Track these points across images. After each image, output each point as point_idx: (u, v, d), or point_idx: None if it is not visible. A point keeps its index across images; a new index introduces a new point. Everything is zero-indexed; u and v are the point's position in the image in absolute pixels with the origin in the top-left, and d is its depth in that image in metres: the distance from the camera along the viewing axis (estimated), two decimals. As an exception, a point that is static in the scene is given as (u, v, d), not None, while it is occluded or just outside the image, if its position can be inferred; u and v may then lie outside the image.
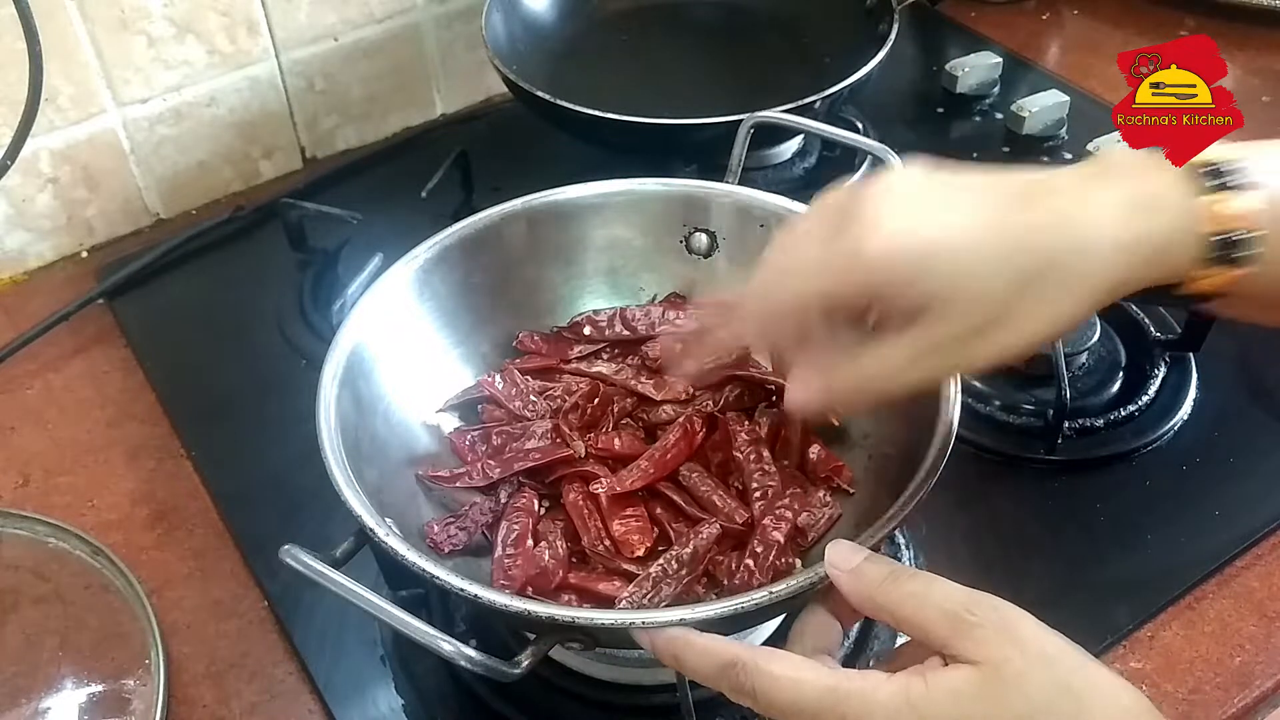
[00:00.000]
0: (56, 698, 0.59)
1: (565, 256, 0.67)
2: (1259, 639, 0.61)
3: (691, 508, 0.58)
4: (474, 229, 0.64)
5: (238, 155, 0.94)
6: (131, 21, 0.83)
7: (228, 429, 0.74)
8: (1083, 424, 0.70)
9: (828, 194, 0.46)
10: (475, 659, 0.43)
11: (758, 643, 0.59)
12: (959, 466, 0.50)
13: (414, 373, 0.62)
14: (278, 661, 0.62)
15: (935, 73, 1.01)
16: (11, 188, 0.84)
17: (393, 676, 0.60)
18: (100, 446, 0.74)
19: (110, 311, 0.84)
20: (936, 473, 0.49)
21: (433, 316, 0.63)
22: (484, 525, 0.58)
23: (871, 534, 0.47)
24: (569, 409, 0.62)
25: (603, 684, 0.58)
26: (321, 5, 0.91)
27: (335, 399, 0.54)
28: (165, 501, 0.70)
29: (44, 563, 0.65)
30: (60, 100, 0.83)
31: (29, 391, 0.78)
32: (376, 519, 0.48)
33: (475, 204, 0.83)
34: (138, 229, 0.92)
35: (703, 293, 0.68)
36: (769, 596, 0.45)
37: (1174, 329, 0.76)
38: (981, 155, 0.94)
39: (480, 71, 1.00)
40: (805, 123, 0.70)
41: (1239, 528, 0.66)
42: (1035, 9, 1.13)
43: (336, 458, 0.51)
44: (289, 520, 0.67)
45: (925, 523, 0.66)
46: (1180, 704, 0.58)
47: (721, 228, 0.67)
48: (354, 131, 0.98)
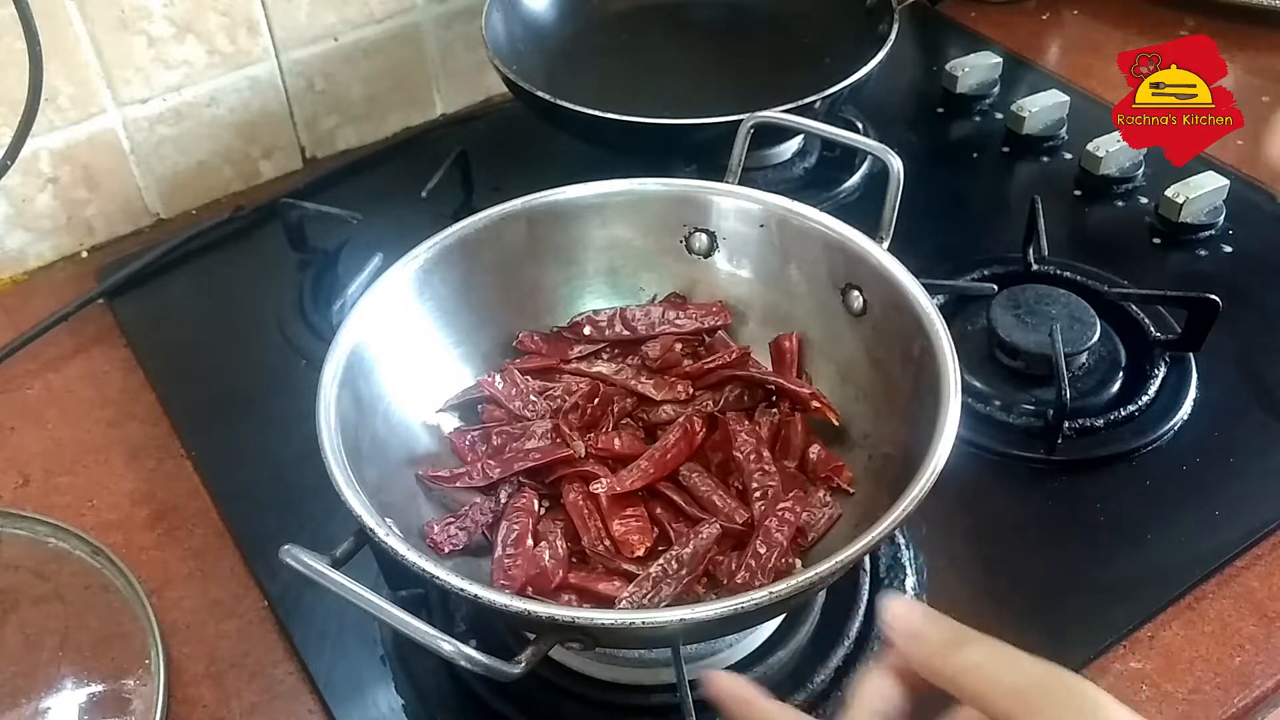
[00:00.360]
0: (56, 698, 0.59)
1: (565, 256, 0.67)
2: (1259, 639, 0.61)
3: (691, 508, 0.58)
4: (474, 229, 0.64)
5: (238, 155, 0.94)
6: (131, 21, 0.83)
7: (228, 429, 0.74)
8: (1083, 424, 0.70)
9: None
10: (475, 659, 0.43)
11: (757, 643, 0.59)
12: (959, 466, 0.50)
13: (414, 373, 0.62)
14: (278, 661, 0.62)
15: (935, 73, 1.01)
16: (11, 188, 0.84)
17: (393, 676, 0.60)
18: (100, 446, 0.74)
19: (110, 311, 0.84)
20: (936, 473, 0.49)
21: (433, 316, 0.63)
22: (484, 525, 0.58)
23: (871, 534, 0.47)
24: (569, 409, 0.62)
25: (603, 684, 0.58)
26: (321, 5, 0.91)
27: (335, 399, 0.54)
28: (165, 501, 0.70)
29: (44, 563, 0.65)
30: (60, 100, 0.83)
31: (29, 391, 0.78)
32: (376, 519, 0.48)
33: (475, 204, 0.83)
34: (138, 229, 0.92)
35: (703, 293, 0.69)
36: (769, 596, 0.45)
37: (1174, 329, 0.76)
38: (981, 155, 0.94)
39: (480, 71, 1.00)
40: (805, 123, 0.70)
41: (1239, 528, 0.66)
42: (1035, 9, 1.13)
43: (336, 458, 0.51)
44: (289, 520, 0.67)
45: (925, 523, 0.66)
46: (1180, 704, 0.58)
47: (721, 228, 0.67)
48: (354, 131, 0.98)
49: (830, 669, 0.58)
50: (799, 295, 0.66)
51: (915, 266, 0.59)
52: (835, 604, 0.61)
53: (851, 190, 0.90)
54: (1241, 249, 0.84)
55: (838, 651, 0.59)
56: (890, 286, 0.59)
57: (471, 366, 0.65)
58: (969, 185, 0.93)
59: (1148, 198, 0.88)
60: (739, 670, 0.58)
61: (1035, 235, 0.80)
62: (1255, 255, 0.84)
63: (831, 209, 0.65)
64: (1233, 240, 0.85)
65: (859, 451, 0.61)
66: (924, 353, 0.55)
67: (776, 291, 0.67)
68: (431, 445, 0.62)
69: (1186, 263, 0.83)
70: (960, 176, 0.93)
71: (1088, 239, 0.87)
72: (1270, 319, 0.78)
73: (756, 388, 0.64)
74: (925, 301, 0.57)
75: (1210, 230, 0.85)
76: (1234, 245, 0.84)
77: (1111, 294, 0.77)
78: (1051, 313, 0.74)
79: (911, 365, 0.57)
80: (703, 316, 0.67)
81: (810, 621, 0.60)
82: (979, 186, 0.93)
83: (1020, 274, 0.79)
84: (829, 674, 0.58)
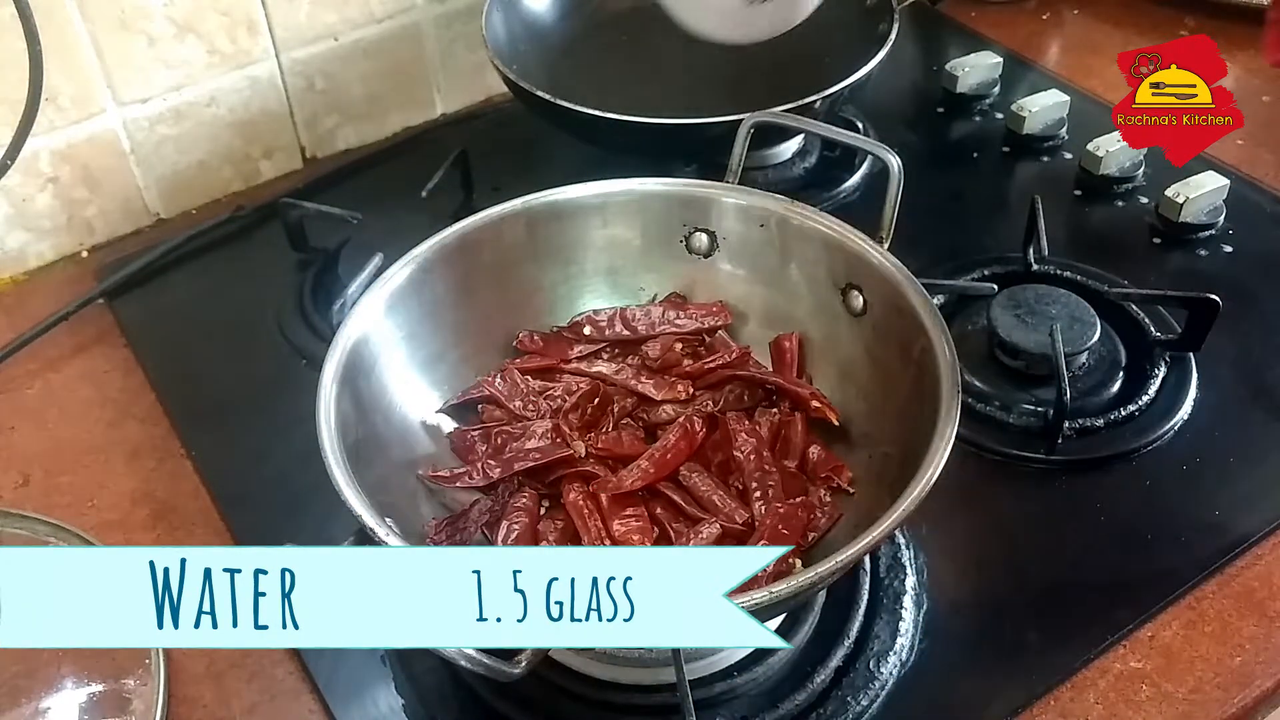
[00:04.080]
0: (56, 698, 0.59)
1: (565, 256, 0.68)
2: (1259, 639, 0.61)
3: (692, 507, 0.58)
4: (474, 229, 0.64)
5: (238, 155, 0.94)
6: (131, 21, 0.83)
7: (228, 429, 0.74)
8: (1083, 424, 0.70)
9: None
10: (475, 659, 0.43)
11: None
12: (959, 466, 0.50)
13: (414, 373, 0.62)
14: (278, 661, 0.62)
15: (935, 73, 1.01)
16: (11, 188, 0.84)
17: (393, 676, 0.60)
18: (100, 446, 0.74)
19: (110, 311, 0.84)
20: (936, 473, 0.49)
21: (433, 316, 0.63)
22: (484, 525, 0.58)
23: (871, 534, 0.47)
24: (569, 409, 0.62)
25: (603, 684, 0.58)
26: (321, 5, 0.91)
27: (335, 399, 0.54)
28: (165, 501, 0.70)
29: (44, 563, 0.65)
30: (60, 100, 0.83)
31: (29, 391, 0.78)
32: (376, 519, 0.48)
33: (475, 204, 0.83)
34: (138, 229, 0.92)
35: (703, 293, 0.69)
36: (769, 596, 0.45)
37: (1174, 329, 0.76)
38: (981, 155, 0.94)
39: (480, 71, 1.00)
40: (805, 123, 0.70)
41: (1239, 528, 0.66)
42: (1035, 9, 1.13)
43: (336, 458, 0.51)
44: (289, 520, 0.67)
45: (925, 523, 0.66)
46: (1180, 704, 0.58)
47: (721, 228, 0.67)
48: (354, 131, 0.98)
49: (830, 669, 0.58)
50: (799, 295, 0.66)
51: (915, 266, 0.59)
52: (835, 604, 0.61)
53: (851, 190, 0.90)
54: (1241, 249, 0.84)
55: (838, 651, 0.59)
56: (890, 286, 0.59)
57: (471, 366, 0.65)
58: (969, 185, 0.93)
59: (1148, 198, 0.88)
60: (739, 670, 0.58)
61: (1035, 235, 0.80)
62: (1255, 255, 0.84)
63: (831, 209, 0.65)
64: (1233, 240, 0.85)
65: (859, 451, 0.61)
66: (924, 353, 0.55)
67: (776, 291, 0.67)
68: (431, 445, 0.62)
69: (1186, 263, 0.83)
70: (960, 176, 0.93)
71: (1088, 239, 0.87)
72: (1270, 319, 0.78)
73: (756, 388, 0.64)
74: (925, 301, 0.57)
75: (1210, 230, 0.85)
76: (1234, 245, 0.84)
77: (1112, 294, 0.77)
78: (1052, 313, 0.74)
79: (911, 365, 0.57)
80: (703, 316, 0.67)
81: (810, 621, 0.60)
82: (979, 186, 0.93)
83: (1020, 274, 0.79)
84: (829, 674, 0.58)
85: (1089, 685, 0.59)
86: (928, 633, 0.61)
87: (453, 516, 0.58)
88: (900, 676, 0.59)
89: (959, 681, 0.60)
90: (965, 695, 0.59)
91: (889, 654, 0.59)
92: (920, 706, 0.58)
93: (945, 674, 0.59)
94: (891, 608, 0.61)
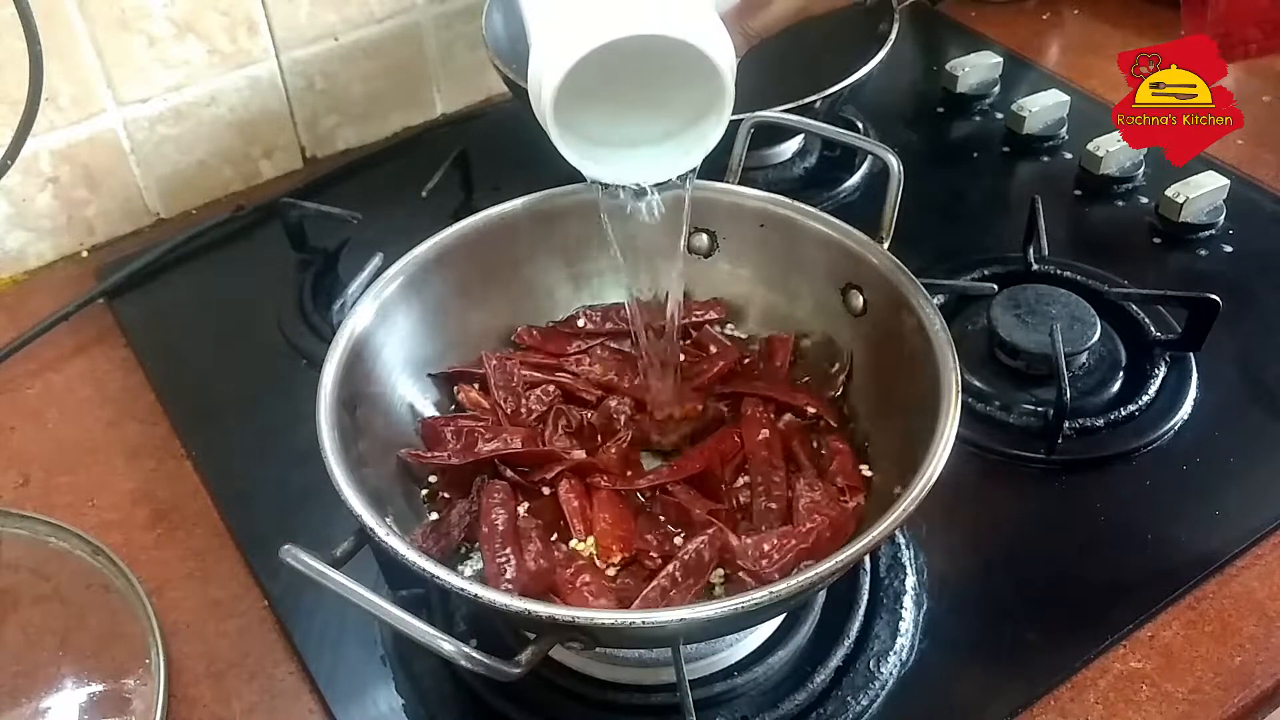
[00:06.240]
0: (56, 698, 0.59)
1: (565, 256, 0.68)
2: (1259, 639, 0.61)
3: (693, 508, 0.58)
4: (474, 229, 0.64)
5: (238, 155, 0.94)
6: (131, 21, 0.83)
7: (228, 429, 0.74)
8: (1083, 424, 0.70)
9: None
10: (475, 659, 0.43)
11: (757, 643, 0.59)
12: (959, 466, 0.49)
13: (413, 373, 0.62)
14: (278, 661, 0.62)
15: (935, 73, 1.01)
16: (11, 188, 0.84)
17: (393, 676, 0.60)
18: (100, 446, 0.74)
19: (110, 311, 0.84)
20: (936, 473, 0.49)
21: (433, 316, 0.63)
22: (464, 527, 0.57)
23: (872, 534, 0.47)
24: (555, 415, 0.63)
25: (603, 684, 0.58)
26: (322, 5, 0.91)
27: (335, 399, 0.54)
28: (165, 501, 0.70)
29: (44, 563, 0.65)
30: (60, 100, 0.83)
31: (29, 391, 0.78)
32: (376, 519, 0.48)
33: (475, 204, 0.82)
34: (138, 229, 0.92)
35: (703, 293, 0.68)
36: (769, 596, 0.45)
37: (1174, 329, 0.76)
38: (981, 155, 0.94)
39: (480, 71, 1.00)
40: (805, 123, 0.70)
41: (1239, 528, 0.66)
42: (1035, 9, 1.13)
43: (336, 458, 0.51)
44: (289, 520, 0.67)
45: (925, 523, 0.66)
46: (1180, 704, 0.58)
47: (721, 228, 0.67)
48: (354, 131, 0.98)
49: (830, 669, 0.58)
50: (799, 295, 0.66)
51: (915, 266, 0.59)
52: (835, 604, 0.61)
53: (851, 190, 0.90)
54: (1241, 249, 0.84)
55: (838, 651, 0.59)
56: (890, 286, 0.59)
57: (472, 366, 0.65)
58: (969, 185, 0.93)
59: (1148, 197, 0.88)
60: (739, 670, 0.58)
61: (1035, 235, 0.80)
62: (1255, 255, 0.84)
63: (831, 209, 0.65)
64: (1233, 240, 0.85)
65: (859, 452, 0.61)
66: (924, 352, 0.55)
67: (776, 291, 0.67)
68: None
69: (1186, 262, 0.83)
70: (960, 176, 0.93)
71: (1088, 239, 0.87)
72: (1270, 319, 0.78)
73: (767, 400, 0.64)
74: (925, 301, 0.57)
75: (1210, 230, 0.85)
76: (1234, 245, 0.84)
77: (1112, 294, 0.77)
78: (1052, 312, 0.74)
79: (911, 365, 0.57)
80: (699, 313, 0.67)
81: (810, 621, 0.60)
82: (979, 186, 0.93)
83: (1020, 274, 0.79)
84: (829, 674, 0.58)
85: (1089, 685, 0.59)
86: (928, 633, 0.61)
87: (436, 521, 0.58)
88: (900, 676, 0.59)
89: (959, 681, 0.59)
90: (965, 695, 0.59)
91: (889, 654, 0.59)
92: (920, 706, 0.58)
93: (945, 674, 0.59)
94: (891, 608, 0.61)
